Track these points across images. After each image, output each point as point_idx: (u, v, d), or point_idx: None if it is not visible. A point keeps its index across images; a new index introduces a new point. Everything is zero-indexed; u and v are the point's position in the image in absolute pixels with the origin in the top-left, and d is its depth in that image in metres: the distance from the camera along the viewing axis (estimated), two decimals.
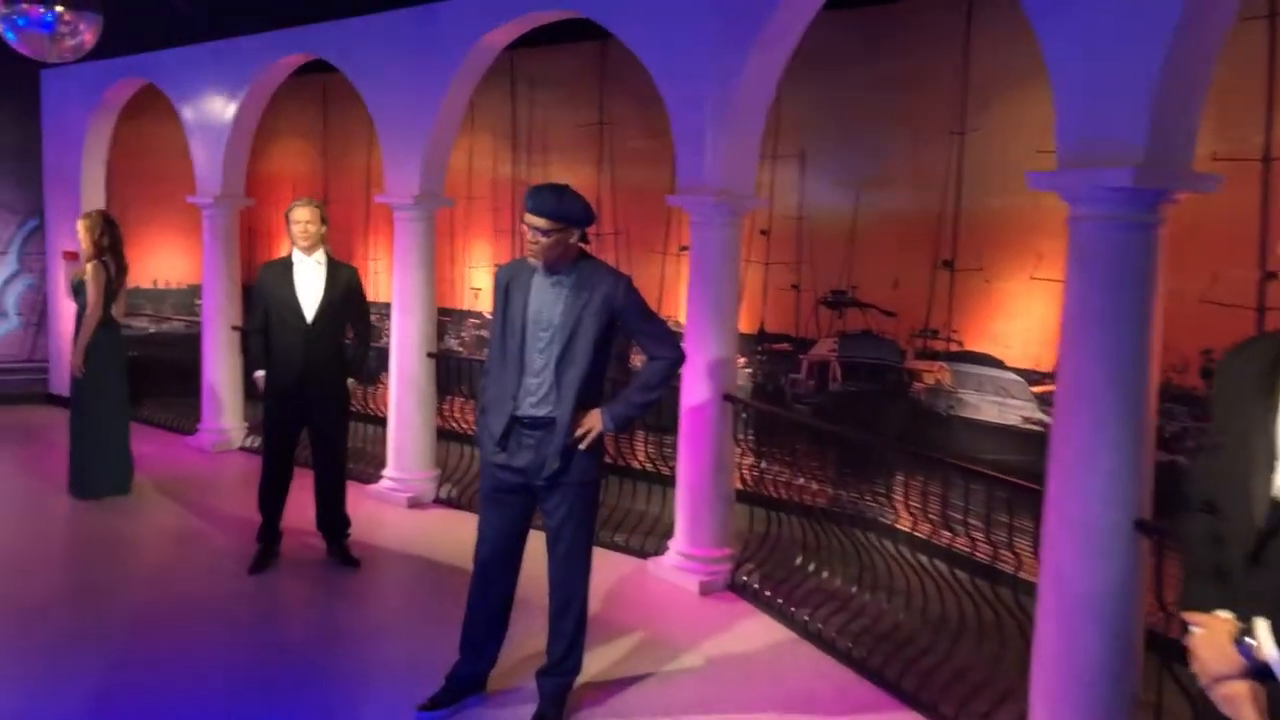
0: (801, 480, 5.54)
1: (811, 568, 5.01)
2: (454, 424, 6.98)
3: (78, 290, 6.28)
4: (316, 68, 7.41)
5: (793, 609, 4.65)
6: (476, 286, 8.27)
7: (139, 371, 7.46)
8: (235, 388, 7.88)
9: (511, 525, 3.66)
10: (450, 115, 6.29)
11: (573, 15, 5.60)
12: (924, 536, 5.21)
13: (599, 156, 7.39)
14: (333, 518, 5.36)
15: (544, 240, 3.43)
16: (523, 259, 3.61)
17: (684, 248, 6.73)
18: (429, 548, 5.67)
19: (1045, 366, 5.01)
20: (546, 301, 3.52)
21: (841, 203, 6.17)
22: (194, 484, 6.86)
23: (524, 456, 3.55)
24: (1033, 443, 4.88)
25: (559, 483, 3.54)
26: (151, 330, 9.59)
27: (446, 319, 8.12)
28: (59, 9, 4.98)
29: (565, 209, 3.44)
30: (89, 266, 6.23)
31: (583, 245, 3.58)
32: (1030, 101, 4.93)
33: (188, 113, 7.90)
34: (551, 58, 7.52)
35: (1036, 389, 5.06)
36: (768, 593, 4.85)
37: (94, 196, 9.06)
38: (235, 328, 7.83)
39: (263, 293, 5.16)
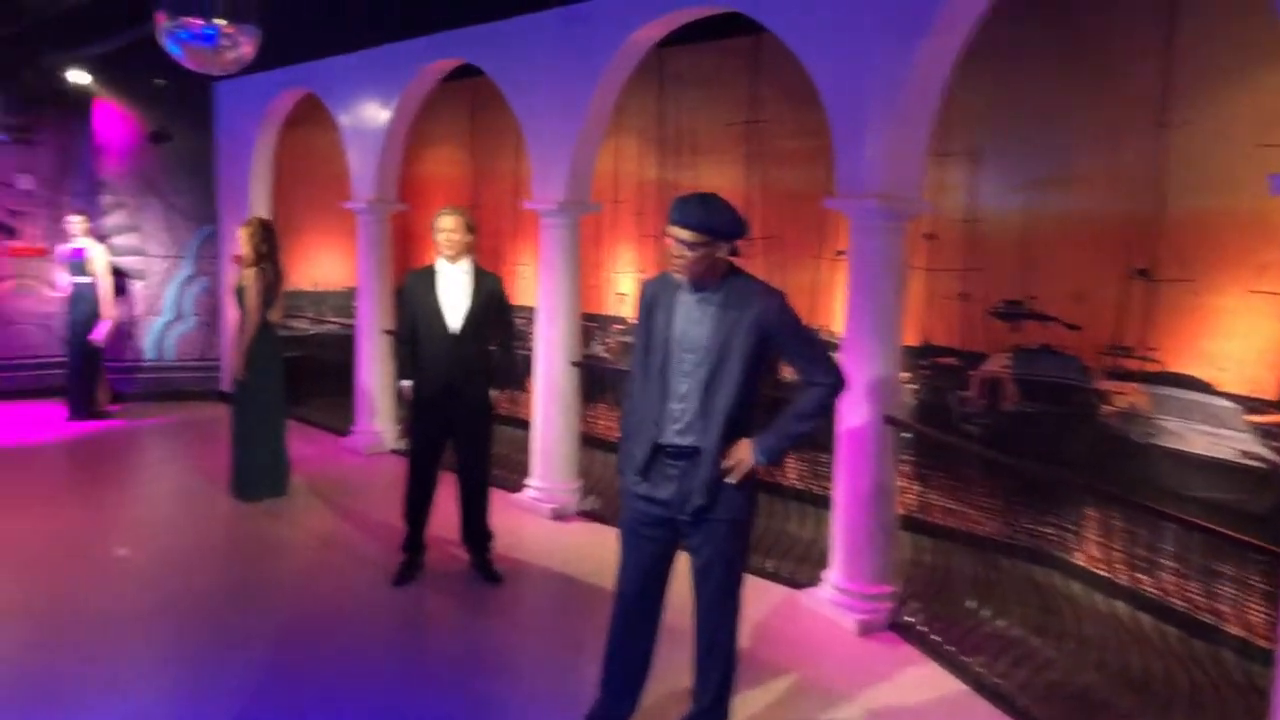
0: (970, 509, 5.05)
1: (984, 610, 4.54)
2: (599, 432, 6.83)
3: (239, 295, 6.46)
4: (466, 73, 7.40)
5: (965, 657, 4.22)
6: (622, 291, 8.09)
7: (298, 372, 7.69)
8: (387, 390, 8.00)
9: (653, 563, 3.42)
10: (597, 117, 6.12)
11: (723, 10, 5.31)
12: (1121, 581, 4.63)
13: (748, 157, 7.06)
14: (476, 530, 5.29)
15: (690, 254, 3.19)
16: (667, 273, 3.35)
17: (840, 252, 6.32)
18: (572, 564, 5.52)
19: (1268, 393, 4.37)
20: (692, 320, 3.28)
21: (1016, 205, 5.63)
22: (346, 487, 6.98)
23: (667, 488, 3.32)
24: (1251, 481, 4.25)
25: (705, 519, 3.29)
26: (311, 331, 9.91)
27: (592, 324, 8.00)
28: (219, 23, 5.08)
29: (713, 220, 3.17)
30: (249, 273, 6.40)
31: (732, 259, 3.29)
32: (1249, 90, 4.30)
33: (344, 120, 8.06)
34: (700, 55, 7.24)
35: (1256, 418, 4.41)
36: (936, 636, 4.43)
37: (261, 203, 9.44)
38: (387, 331, 7.95)
39: (409, 301, 5.12)
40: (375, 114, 7.74)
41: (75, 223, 8.81)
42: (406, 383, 5.17)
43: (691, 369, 3.27)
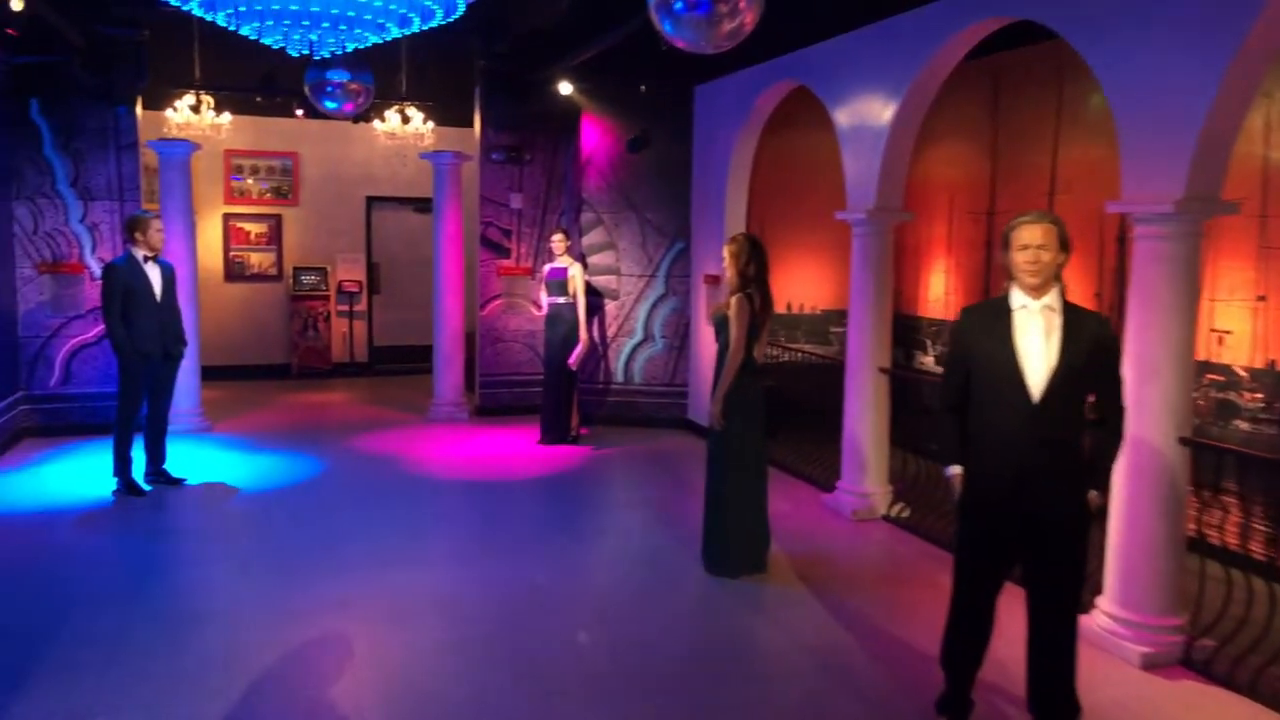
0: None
1: None
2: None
3: (720, 327, 5.35)
4: (984, 49, 5.66)
5: None
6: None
7: (767, 405, 6.49)
8: (881, 442, 6.49)
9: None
10: (1241, 86, 4.03)
11: None
12: None
13: None
14: (1052, 696, 3.53)
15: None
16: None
17: None
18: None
19: None
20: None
21: None
22: (836, 570, 5.57)
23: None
24: None
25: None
26: (783, 359, 8.75)
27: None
28: None
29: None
30: (733, 300, 5.26)
31: None
32: None
33: (840, 116, 6.70)
34: None
35: None
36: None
37: (736, 216, 8.48)
38: (882, 370, 6.45)
39: (966, 352, 3.53)
40: (880, 105, 6.26)
41: (557, 241, 8.53)
42: (955, 469, 3.57)
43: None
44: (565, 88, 8.63)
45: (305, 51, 6.17)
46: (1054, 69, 6.74)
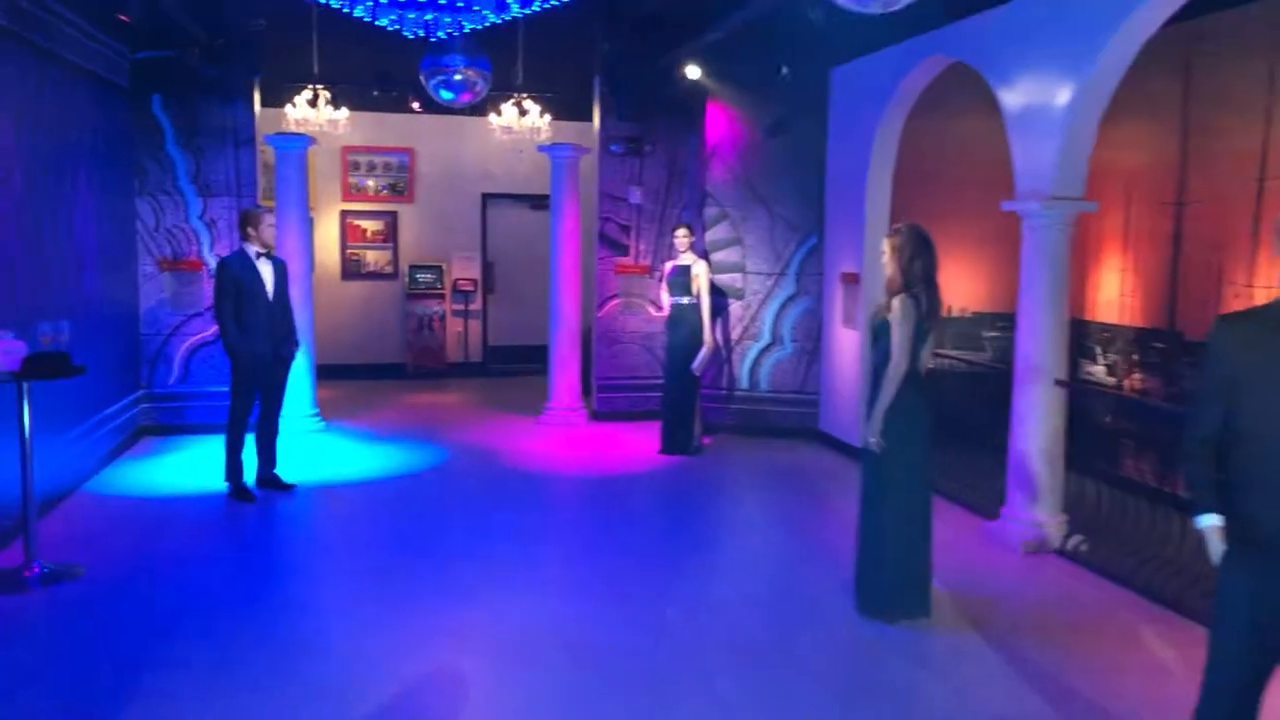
0: None
1: None
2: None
3: (879, 333, 4.68)
4: (1174, 19, 4.82)
5: None
6: None
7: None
8: (1055, 465, 5.69)
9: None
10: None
11: None
12: None
13: None
14: None
15: None
16: None
17: None
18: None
19: None
20: None
21: None
22: (1008, 612, 4.82)
23: None
24: None
25: None
26: (929, 366, 7.96)
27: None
28: None
29: None
30: (895, 303, 4.59)
31: None
32: None
33: (1006, 95, 5.91)
34: None
35: None
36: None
37: (879, 209, 7.74)
38: (1059, 382, 5.65)
39: (1225, 372, 2.78)
40: (1058, 80, 5.46)
41: (680, 236, 7.97)
42: (1212, 520, 2.82)
43: None
44: (693, 72, 8.02)
45: (420, 33, 5.78)
46: (1265, 33, 5.80)
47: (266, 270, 6.56)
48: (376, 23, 5.36)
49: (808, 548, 5.78)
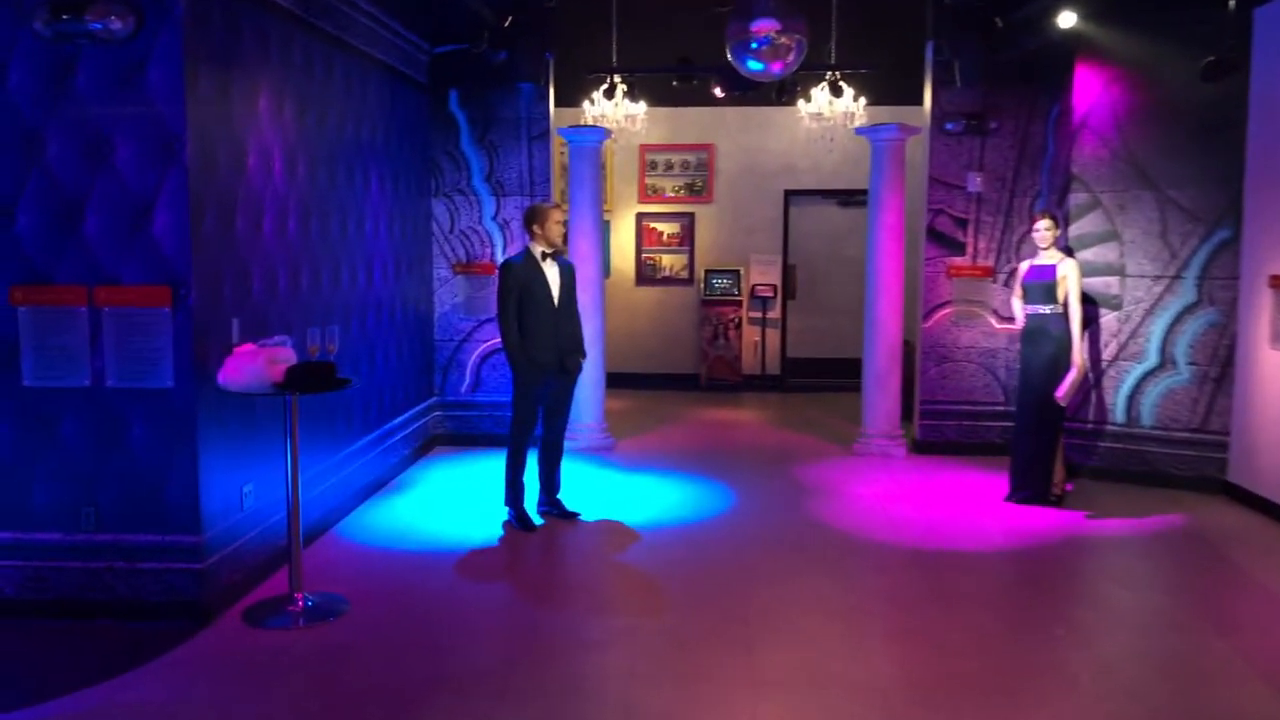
0: None
1: None
2: None
3: None
4: None
5: None
6: None
7: None
8: None
9: None
10: None
11: None
12: None
13: None
14: None
15: None
16: None
17: None
18: None
19: None
20: None
21: None
22: None
23: None
24: None
25: None
26: None
27: None
28: None
29: None
30: None
31: None
32: None
33: None
34: None
35: None
36: None
37: None
38: None
39: None
40: None
41: (1043, 229, 6.33)
42: None
43: None
44: (1066, 19, 6.29)
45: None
46: None
47: (552, 272, 5.82)
48: None
49: (1259, 671, 4.04)
